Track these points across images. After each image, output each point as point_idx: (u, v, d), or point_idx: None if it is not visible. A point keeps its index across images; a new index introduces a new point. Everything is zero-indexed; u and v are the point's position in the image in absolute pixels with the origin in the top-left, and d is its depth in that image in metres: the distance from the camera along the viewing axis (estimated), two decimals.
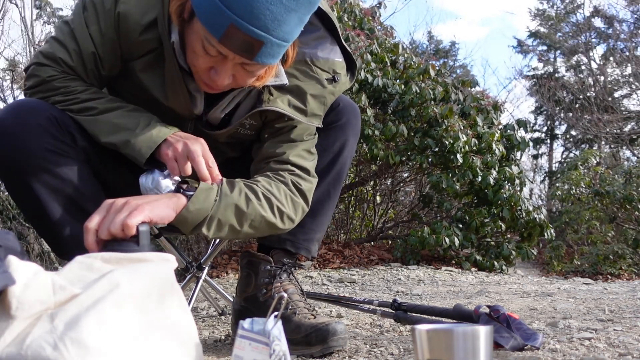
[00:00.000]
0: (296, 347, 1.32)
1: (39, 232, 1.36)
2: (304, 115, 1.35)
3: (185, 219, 1.15)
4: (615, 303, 2.17)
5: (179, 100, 1.29)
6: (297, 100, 1.34)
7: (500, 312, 1.34)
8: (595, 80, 12.87)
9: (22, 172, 1.20)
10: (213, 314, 2.23)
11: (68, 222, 1.23)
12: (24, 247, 4.01)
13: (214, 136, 1.37)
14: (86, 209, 1.22)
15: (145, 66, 1.27)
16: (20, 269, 0.71)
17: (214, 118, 1.35)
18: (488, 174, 4.55)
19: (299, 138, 1.37)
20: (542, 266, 6.58)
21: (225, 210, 1.20)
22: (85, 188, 1.25)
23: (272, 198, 1.27)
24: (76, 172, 1.24)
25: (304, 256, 1.54)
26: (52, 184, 1.21)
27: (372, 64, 4.47)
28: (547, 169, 15.02)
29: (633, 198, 5.94)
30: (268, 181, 1.30)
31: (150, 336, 0.77)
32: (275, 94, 1.33)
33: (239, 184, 1.24)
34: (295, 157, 1.35)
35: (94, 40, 1.24)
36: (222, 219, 1.20)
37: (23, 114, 1.20)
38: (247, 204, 1.23)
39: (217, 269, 4.14)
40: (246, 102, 1.34)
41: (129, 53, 1.27)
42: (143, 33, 1.23)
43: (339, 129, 1.48)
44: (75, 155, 1.24)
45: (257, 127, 1.40)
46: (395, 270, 4.16)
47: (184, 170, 1.19)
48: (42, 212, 1.22)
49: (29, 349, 0.66)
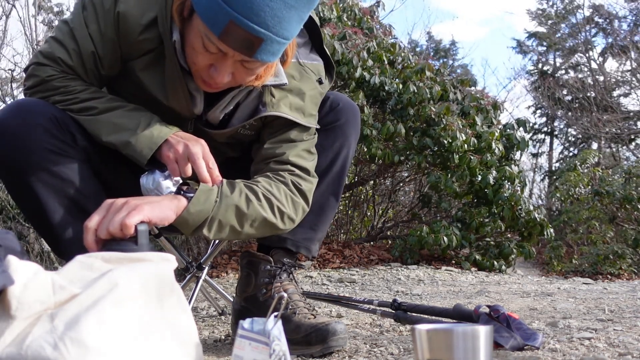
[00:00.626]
0: (296, 347, 1.32)
1: (39, 232, 1.36)
2: (302, 115, 1.36)
3: (185, 220, 1.15)
4: (615, 303, 2.17)
5: (179, 99, 1.29)
6: (298, 100, 1.35)
7: (500, 312, 1.34)
8: (595, 81, 12.87)
9: (22, 172, 1.20)
10: (213, 314, 2.23)
11: (68, 222, 1.23)
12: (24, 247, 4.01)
13: (214, 136, 1.37)
14: (86, 209, 1.21)
15: (145, 66, 1.27)
16: (20, 269, 0.71)
17: (214, 118, 1.35)
18: (488, 174, 4.55)
19: (298, 138, 1.37)
20: (542, 266, 6.58)
21: (226, 212, 1.20)
22: (85, 188, 1.25)
23: (273, 198, 1.27)
24: (77, 172, 1.23)
25: (304, 255, 1.54)
26: (52, 184, 1.21)
27: (369, 61, 4.46)
28: (547, 168, 15.05)
29: (633, 198, 5.94)
30: (268, 181, 1.30)
31: (150, 336, 0.77)
32: (277, 95, 1.33)
33: (239, 184, 1.24)
34: (295, 157, 1.35)
35: (94, 39, 1.23)
36: (223, 220, 1.20)
37: (23, 113, 1.20)
38: (248, 204, 1.23)
39: (217, 269, 4.14)
40: (247, 102, 1.34)
41: (129, 53, 1.26)
42: (143, 32, 1.23)
43: (338, 128, 1.49)
44: (76, 155, 1.24)
45: (257, 127, 1.40)
46: (395, 270, 4.16)
47: (185, 171, 1.19)
48: (42, 212, 1.22)
49: (29, 349, 0.66)
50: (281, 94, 1.33)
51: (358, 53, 4.33)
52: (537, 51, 16.03)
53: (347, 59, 4.27)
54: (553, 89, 13.00)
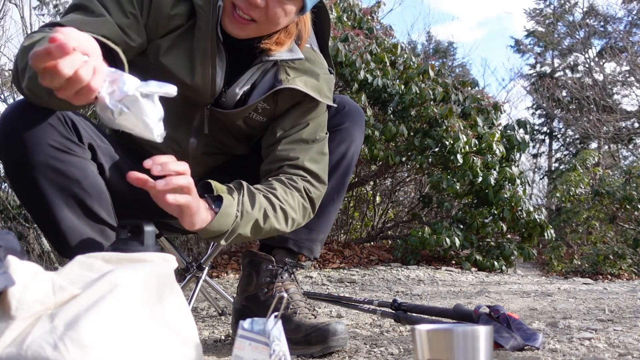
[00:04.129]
0: (296, 347, 1.32)
1: (42, 231, 1.35)
2: (318, 94, 1.37)
3: (205, 231, 1.17)
4: (615, 303, 2.17)
5: (204, 75, 1.29)
6: (313, 79, 1.37)
7: (500, 312, 1.34)
8: (594, 82, 12.87)
9: (28, 171, 1.19)
10: (213, 314, 2.23)
11: (72, 220, 1.22)
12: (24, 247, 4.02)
13: (229, 116, 1.37)
14: (91, 208, 1.22)
15: (170, 46, 1.28)
16: (20, 269, 0.71)
17: (232, 96, 1.35)
18: (488, 175, 4.55)
19: (311, 138, 1.38)
20: (542, 266, 6.58)
21: (245, 226, 1.22)
22: (90, 186, 1.24)
23: (288, 209, 1.29)
24: (82, 170, 1.23)
25: (306, 256, 1.54)
26: (58, 183, 1.20)
27: (371, 63, 4.47)
28: (546, 168, 15.05)
29: (633, 198, 5.94)
30: (283, 189, 1.31)
31: (150, 336, 0.77)
32: (292, 74, 1.35)
33: (259, 197, 1.25)
34: (310, 162, 1.37)
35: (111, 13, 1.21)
36: (242, 232, 1.22)
37: (29, 112, 1.19)
38: (265, 220, 1.25)
39: (217, 269, 4.14)
40: (263, 82, 1.36)
41: (155, 30, 1.26)
42: (174, 7, 1.24)
43: (344, 131, 1.49)
44: (82, 153, 1.24)
45: (269, 112, 1.40)
46: (395, 270, 4.16)
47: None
48: (47, 210, 1.21)
49: (29, 349, 0.66)
50: (296, 72, 1.36)
51: (361, 55, 4.34)
52: (534, 52, 16.03)
53: (350, 60, 4.28)
54: (552, 89, 13.00)
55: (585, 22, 13.94)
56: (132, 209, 1.27)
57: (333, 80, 1.45)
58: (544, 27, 15.85)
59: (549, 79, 14.09)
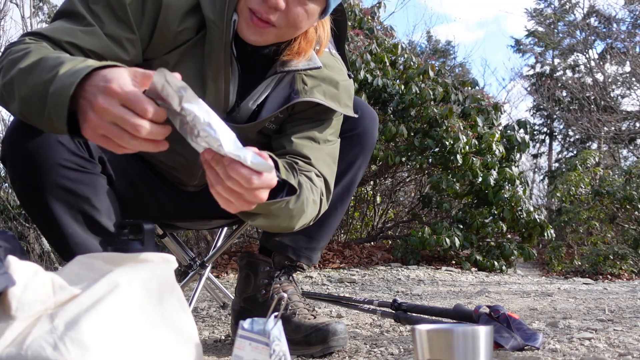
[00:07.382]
0: (296, 347, 1.32)
1: (52, 246, 1.31)
2: (338, 104, 1.30)
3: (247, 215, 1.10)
4: (615, 303, 2.17)
5: (217, 89, 1.22)
6: (332, 88, 1.29)
7: (500, 312, 1.34)
8: (595, 82, 12.87)
9: (37, 191, 1.16)
10: (213, 314, 2.23)
11: (82, 236, 1.20)
12: (24, 247, 4.02)
13: (244, 130, 1.28)
14: (101, 223, 1.20)
15: (178, 61, 1.20)
16: (20, 269, 0.71)
17: (246, 110, 1.28)
18: (488, 175, 4.55)
19: (322, 138, 1.31)
20: (542, 266, 6.58)
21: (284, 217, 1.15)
22: (99, 202, 1.22)
23: (309, 210, 1.20)
24: (92, 187, 1.20)
25: (305, 264, 1.52)
26: (67, 201, 1.17)
27: (371, 63, 4.47)
28: (546, 168, 15.05)
29: (633, 198, 5.94)
30: (310, 186, 1.22)
31: (150, 336, 0.77)
32: (310, 83, 1.27)
33: (304, 194, 1.17)
34: (322, 164, 1.28)
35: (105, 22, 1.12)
36: (274, 223, 1.16)
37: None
38: (297, 218, 1.18)
39: (217, 268, 4.14)
40: (276, 92, 1.28)
41: (161, 45, 1.18)
42: (182, 22, 1.16)
43: (355, 137, 1.43)
44: (92, 169, 1.21)
45: (281, 120, 1.33)
46: (395, 270, 4.16)
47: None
48: (56, 227, 1.19)
49: (29, 349, 0.66)
50: (314, 82, 1.28)
51: (361, 55, 4.34)
52: (535, 52, 16.02)
53: (350, 60, 4.28)
54: (553, 89, 13.00)
55: (586, 22, 13.93)
56: (139, 214, 1.27)
57: (352, 86, 1.37)
58: (544, 27, 15.84)
59: (549, 79, 14.09)
